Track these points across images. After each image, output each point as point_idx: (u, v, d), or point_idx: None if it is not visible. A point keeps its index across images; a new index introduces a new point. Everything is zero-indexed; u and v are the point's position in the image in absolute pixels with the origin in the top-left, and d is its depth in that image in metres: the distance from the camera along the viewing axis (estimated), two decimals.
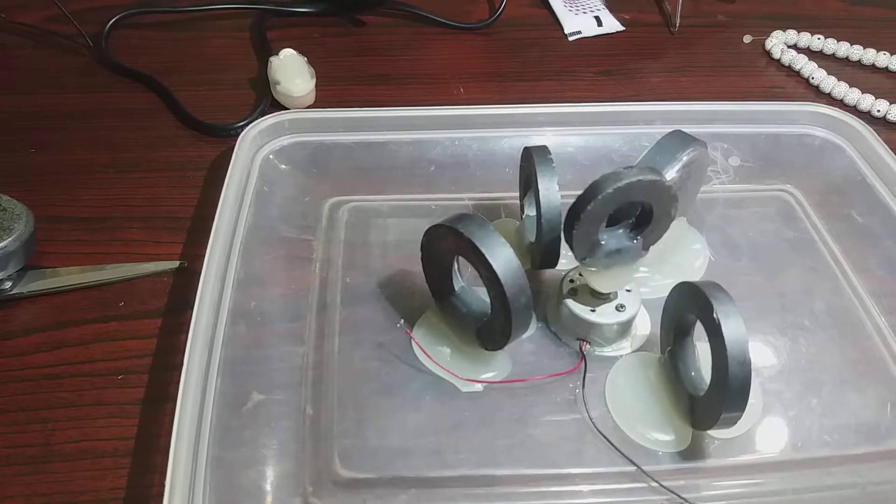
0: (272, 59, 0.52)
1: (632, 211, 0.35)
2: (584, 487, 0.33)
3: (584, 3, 0.64)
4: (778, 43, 0.59)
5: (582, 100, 0.54)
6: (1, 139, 0.50)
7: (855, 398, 0.36)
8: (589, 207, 0.32)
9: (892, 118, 0.53)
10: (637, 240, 0.35)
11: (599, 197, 0.32)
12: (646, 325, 0.39)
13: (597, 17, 0.63)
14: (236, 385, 0.34)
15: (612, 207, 0.33)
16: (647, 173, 0.32)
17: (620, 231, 0.35)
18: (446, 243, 0.34)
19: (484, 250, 0.31)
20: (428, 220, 0.35)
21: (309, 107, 0.52)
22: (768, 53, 0.60)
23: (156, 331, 0.38)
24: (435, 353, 0.37)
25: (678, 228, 0.35)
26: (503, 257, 0.32)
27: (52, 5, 0.56)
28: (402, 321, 0.39)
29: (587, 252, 0.34)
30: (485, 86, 0.56)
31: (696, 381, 0.34)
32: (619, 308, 0.37)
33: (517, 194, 0.42)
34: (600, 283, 0.36)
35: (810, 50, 0.60)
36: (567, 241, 0.34)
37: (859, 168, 0.45)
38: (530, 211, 0.40)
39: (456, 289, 0.37)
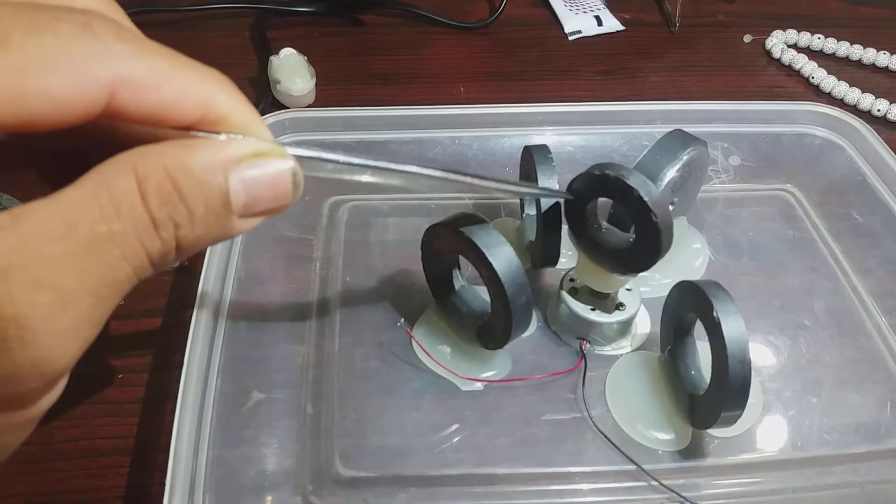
0: (272, 58, 0.52)
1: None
2: (584, 486, 0.33)
3: (584, 3, 0.64)
4: (778, 42, 0.59)
5: (582, 99, 0.54)
6: None
7: (855, 397, 0.36)
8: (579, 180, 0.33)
9: (892, 118, 0.53)
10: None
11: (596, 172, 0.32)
12: (646, 324, 0.39)
13: (597, 17, 0.63)
14: (236, 384, 0.34)
15: (593, 189, 0.33)
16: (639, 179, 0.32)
17: (618, 231, 0.35)
18: (446, 242, 0.34)
19: (484, 249, 0.31)
20: (428, 220, 0.35)
21: (309, 106, 0.52)
22: (768, 53, 0.60)
23: (156, 330, 0.38)
24: (435, 352, 0.37)
25: (678, 228, 0.35)
26: (503, 256, 0.32)
27: None
28: (403, 320, 0.39)
29: (579, 233, 0.34)
30: (485, 85, 0.56)
31: (696, 380, 0.34)
32: (619, 307, 0.37)
33: None
34: (599, 282, 0.36)
35: (810, 49, 0.60)
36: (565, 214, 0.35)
37: (859, 168, 0.45)
38: (530, 210, 0.40)
39: (456, 288, 0.37)
